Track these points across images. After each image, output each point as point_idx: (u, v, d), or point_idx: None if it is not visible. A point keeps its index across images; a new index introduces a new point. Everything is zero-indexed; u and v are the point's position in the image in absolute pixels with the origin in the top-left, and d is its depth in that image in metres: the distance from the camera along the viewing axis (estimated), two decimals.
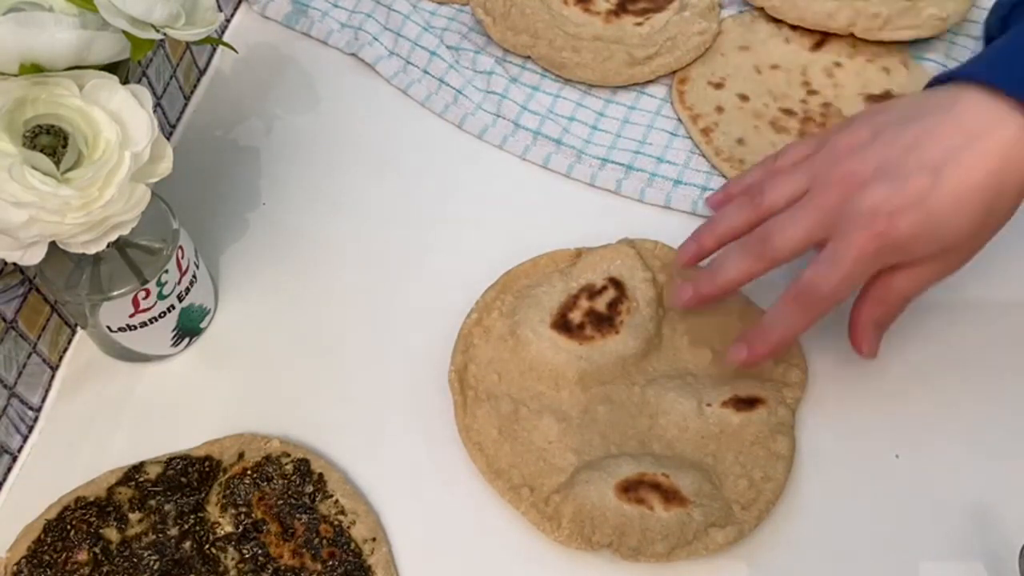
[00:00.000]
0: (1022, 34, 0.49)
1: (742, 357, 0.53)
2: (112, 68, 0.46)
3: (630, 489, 0.50)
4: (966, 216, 0.46)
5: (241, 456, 0.54)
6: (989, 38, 0.55)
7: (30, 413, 0.57)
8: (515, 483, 0.52)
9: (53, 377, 0.59)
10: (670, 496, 0.50)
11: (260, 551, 0.50)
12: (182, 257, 0.55)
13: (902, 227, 0.46)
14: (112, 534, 0.51)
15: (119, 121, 0.44)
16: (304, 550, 0.50)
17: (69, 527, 0.51)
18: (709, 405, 0.54)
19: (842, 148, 0.50)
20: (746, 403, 0.54)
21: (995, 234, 0.49)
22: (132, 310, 0.54)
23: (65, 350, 0.60)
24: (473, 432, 0.54)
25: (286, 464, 0.53)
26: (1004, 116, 0.46)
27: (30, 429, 0.57)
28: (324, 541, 0.50)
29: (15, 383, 0.55)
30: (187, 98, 0.73)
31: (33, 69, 0.43)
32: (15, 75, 0.43)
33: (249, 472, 0.52)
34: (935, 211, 0.46)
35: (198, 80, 0.74)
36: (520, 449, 0.54)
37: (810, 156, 0.52)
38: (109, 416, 0.57)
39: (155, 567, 0.50)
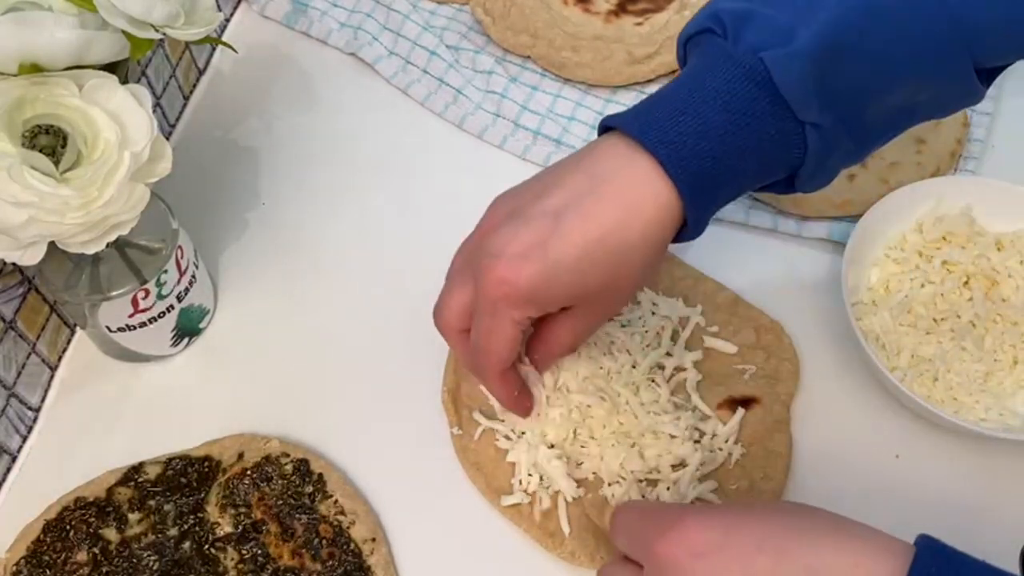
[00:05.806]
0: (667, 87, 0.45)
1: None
2: (112, 68, 0.46)
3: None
4: (591, 267, 0.43)
5: (241, 456, 0.54)
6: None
7: (29, 413, 0.57)
8: (516, 500, 0.52)
9: (52, 377, 0.59)
10: None
11: (260, 551, 0.50)
12: (181, 257, 0.55)
13: (523, 276, 0.43)
14: (112, 534, 0.51)
15: (118, 121, 0.44)
16: (304, 550, 0.50)
17: (69, 527, 0.51)
18: None
19: (498, 203, 0.48)
20: (741, 403, 0.54)
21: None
22: (131, 310, 0.54)
23: (64, 350, 0.60)
24: (470, 452, 0.54)
25: (286, 464, 0.53)
26: (633, 160, 0.43)
27: (29, 429, 0.57)
28: (324, 541, 0.50)
29: (14, 383, 0.55)
30: (187, 98, 0.73)
31: (33, 69, 0.43)
32: (15, 75, 0.43)
33: (249, 472, 0.52)
34: (558, 261, 0.43)
35: (198, 80, 0.74)
36: None
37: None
38: (109, 416, 0.57)
39: (155, 567, 0.50)
